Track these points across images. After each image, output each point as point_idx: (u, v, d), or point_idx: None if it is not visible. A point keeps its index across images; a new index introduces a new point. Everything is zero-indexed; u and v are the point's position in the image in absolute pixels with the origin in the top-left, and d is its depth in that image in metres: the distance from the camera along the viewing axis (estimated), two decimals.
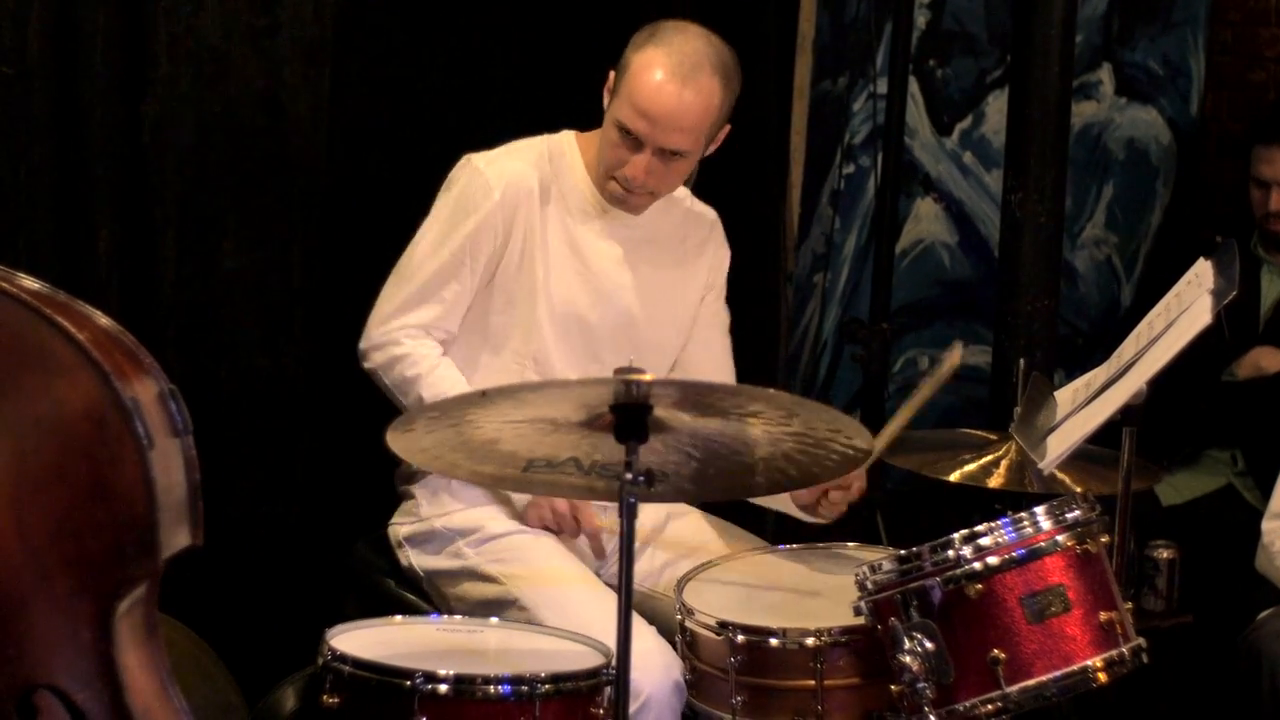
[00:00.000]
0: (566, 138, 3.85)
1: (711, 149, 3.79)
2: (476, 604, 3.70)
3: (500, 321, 3.78)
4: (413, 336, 3.74)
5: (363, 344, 3.79)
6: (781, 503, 3.87)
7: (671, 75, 3.62)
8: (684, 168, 3.76)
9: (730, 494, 3.49)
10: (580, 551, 3.82)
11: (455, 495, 3.79)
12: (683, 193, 3.96)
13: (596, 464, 3.06)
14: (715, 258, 4.01)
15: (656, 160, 3.67)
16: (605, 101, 3.73)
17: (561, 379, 3.06)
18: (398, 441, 3.10)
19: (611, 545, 3.88)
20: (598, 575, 3.80)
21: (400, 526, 3.87)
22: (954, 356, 3.84)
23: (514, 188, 3.73)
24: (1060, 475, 3.79)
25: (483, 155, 3.79)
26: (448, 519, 3.79)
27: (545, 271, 3.76)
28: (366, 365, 3.79)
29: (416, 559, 3.82)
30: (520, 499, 3.77)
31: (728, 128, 3.78)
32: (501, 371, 3.75)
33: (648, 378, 2.88)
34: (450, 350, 3.79)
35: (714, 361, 4.00)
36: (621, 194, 3.75)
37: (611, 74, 3.72)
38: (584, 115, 3.81)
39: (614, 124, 3.68)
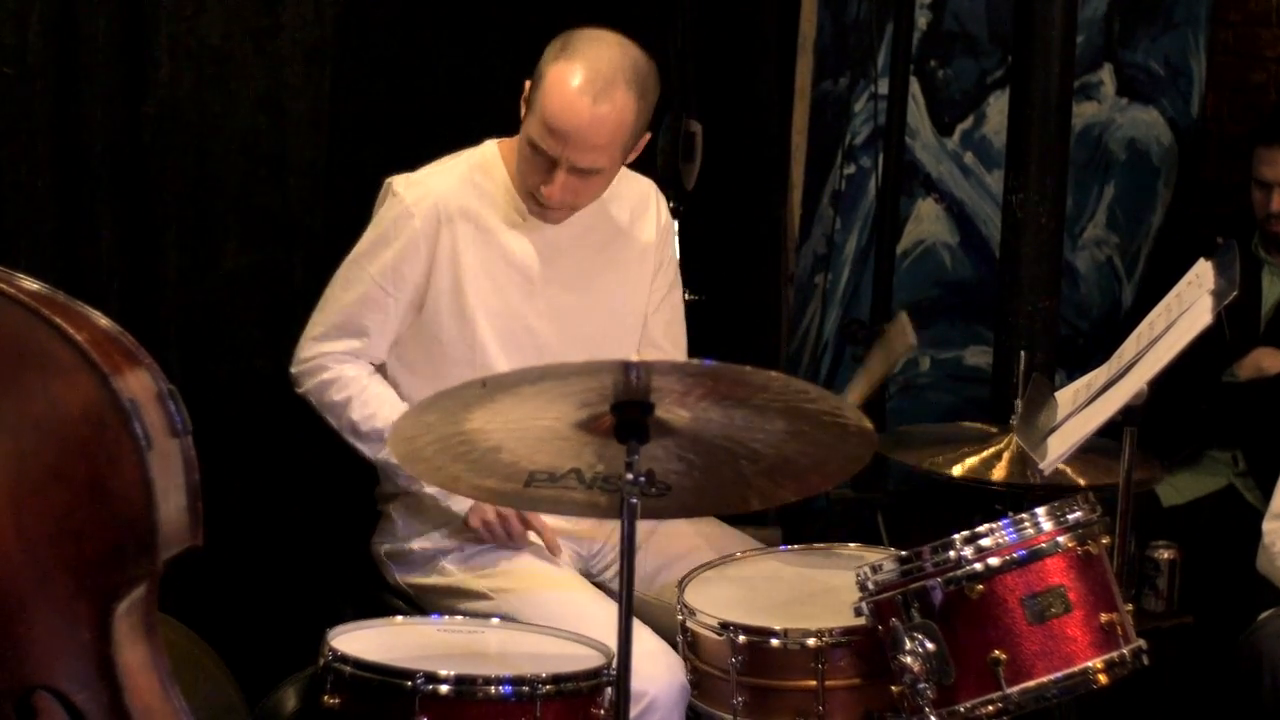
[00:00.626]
0: (490, 148, 3.78)
1: (629, 159, 3.71)
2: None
3: (446, 345, 3.73)
4: (339, 361, 3.71)
5: (293, 368, 3.77)
6: None
7: (582, 92, 3.51)
8: (602, 181, 3.66)
9: (733, 504, 3.48)
10: (566, 555, 3.80)
11: (429, 516, 3.78)
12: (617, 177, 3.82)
13: (599, 476, 3.05)
14: (661, 229, 3.91)
15: (573, 178, 3.58)
16: (521, 112, 3.64)
17: (560, 364, 3.04)
18: (400, 449, 3.10)
19: (597, 545, 3.88)
20: (587, 577, 3.80)
21: (380, 545, 3.86)
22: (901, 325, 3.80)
23: (433, 210, 3.67)
24: (1062, 466, 3.78)
25: (403, 178, 3.73)
26: (425, 538, 3.78)
27: (482, 288, 3.70)
28: (298, 390, 3.77)
29: (401, 576, 3.81)
30: (462, 504, 3.72)
31: (648, 135, 3.69)
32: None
33: (647, 360, 2.88)
34: (401, 379, 3.76)
35: (660, 333, 3.95)
36: (539, 210, 3.68)
37: (527, 84, 3.63)
38: None
39: (527, 140, 3.60)
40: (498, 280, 3.72)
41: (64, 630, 2.46)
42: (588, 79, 3.52)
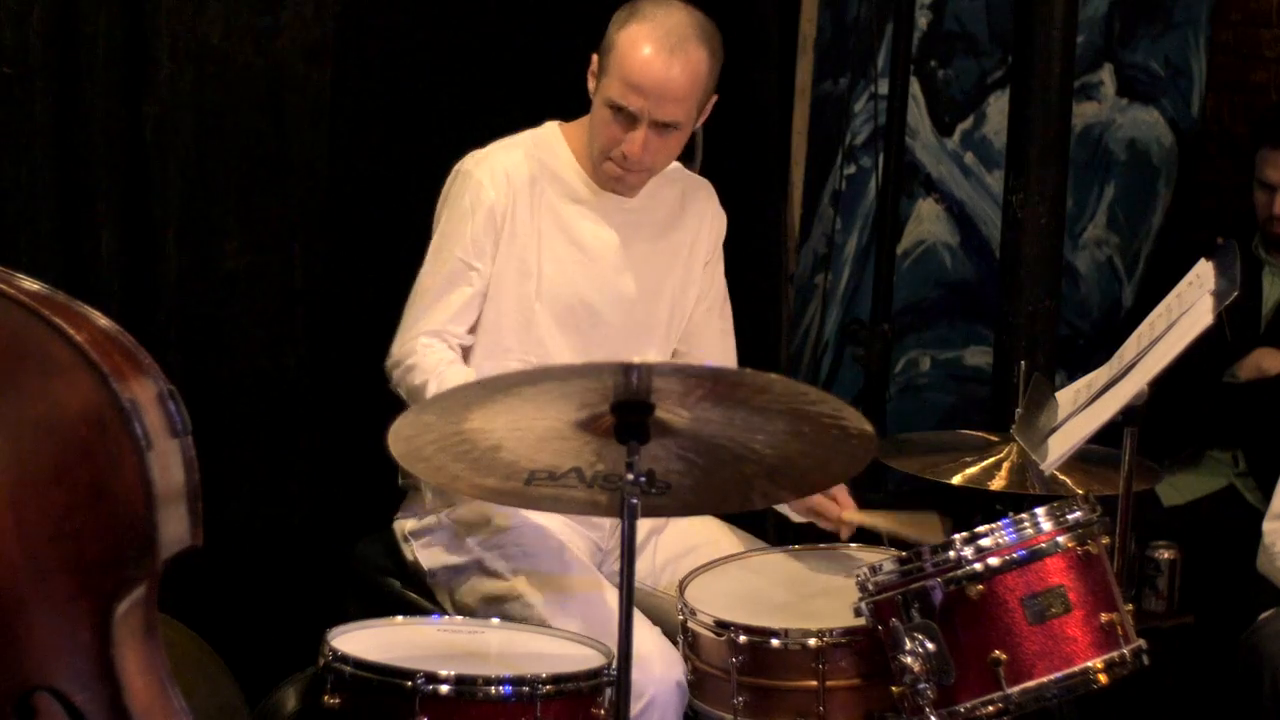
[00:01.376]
0: (551, 129, 3.85)
1: (701, 120, 3.79)
2: (482, 599, 3.69)
3: (504, 316, 3.76)
4: (425, 345, 3.71)
5: (387, 362, 3.77)
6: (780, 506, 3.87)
7: (659, 48, 3.62)
8: (679, 140, 3.76)
9: (734, 503, 3.48)
10: (583, 550, 3.82)
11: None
12: (674, 167, 3.93)
13: (599, 474, 3.06)
14: (712, 226, 3.99)
15: (653, 134, 3.67)
16: (591, 86, 3.73)
17: (558, 365, 3.05)
18: (399, 447, 3.10)
19: (613, 543, 3.89)
20: (598, 571, 3.80)
21: (405, 521, 3.86)
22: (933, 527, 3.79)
23: (506, 182, 3.73)
24: (1061, 476, 3.79)
25: (470, 157, 3.79)
26: (453, 512, 3.78)
27: (543, 262, 3.75)
28: (391, 384, 3.77)
29: (422, 555, 3.81)
30: None
31: (715, 97, 3.77)
32: (508, 367, 3.74)
33: (647, 361, 2.88)
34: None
35: (715, 340, 4.00)
36: (619, 173, 3.74)
37: (595, 57, 3.72)
38: (584, 112, 3.80)
39: (605, 103, 3.68)
40: (561, 256, 3.77)
41: (64, 630, 2.46)
42: (663, 35, 3.64)
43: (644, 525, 3.75)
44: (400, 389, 3.73)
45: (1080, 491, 3.67)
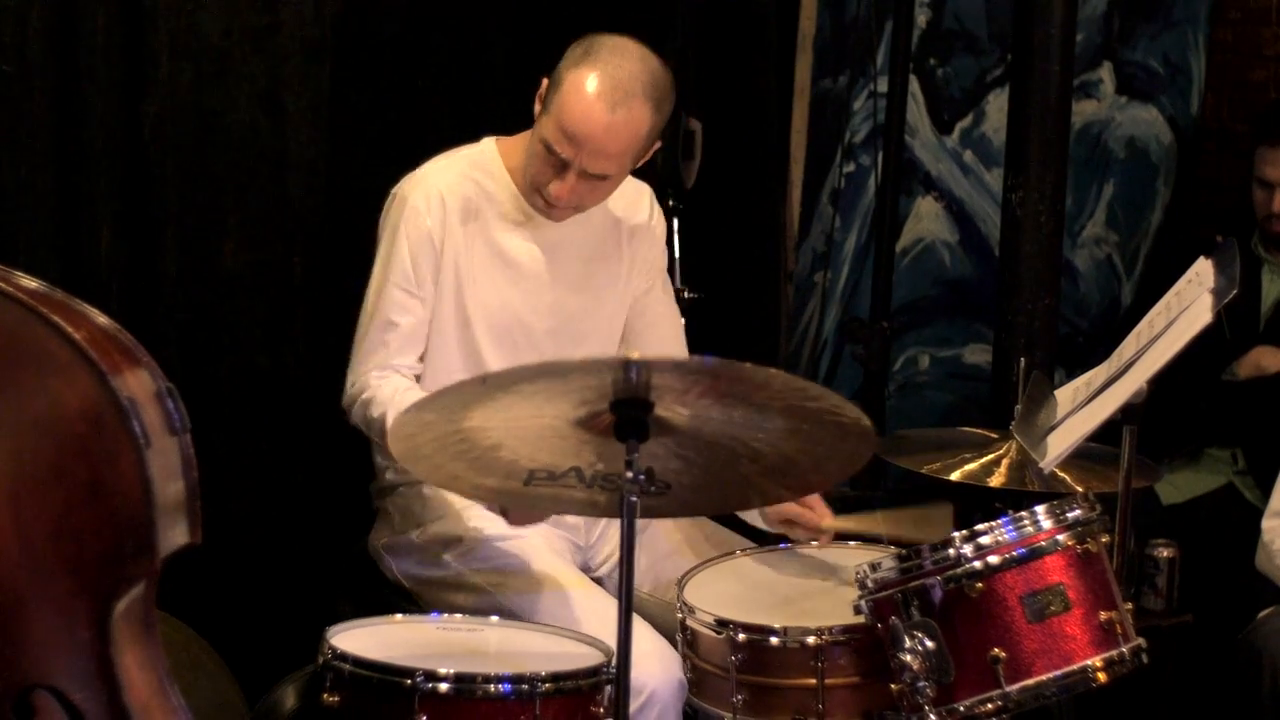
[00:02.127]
0: (488, 145, 3.80)
1: (637, 164, 3.71)
2: (468, 613, 3.68)
3: (445, 341, 3.74)
4: (378, 378, 3.70)
5: (343, 403, 3.77)
6: (750, 514, 3.85)
7: (602, 101, 3.53)
8: (610, 187, 3.69)
9: (732, 504, 3.48)
10: (562, 551, 3.81)
11: (426, 507, 3.78)
12: None
13: (599, 474, 3.05)
14: (655, 235, 3.94)
15: (582, 182, 3.61)
16: (535, 110, 3.65)
17: (561, 361, 3.04)
18: (399, 446, 3.10)
19: (593, 538, 3.89)
20: (584, 570, 3.80)
21: (379, 540, 3.86)
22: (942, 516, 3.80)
23: (440, 204, 3.69)
24: (1061, 474, 3.79)
25: (405, 180, 3.75)
26: (423, 530, 3.77)
27: (479, 284, 3.72)
28: (351, 422, 3.77)
29: (400, 570, 3.81)
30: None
31: (659, 144, 3.71)
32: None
33: (648, 357, 2.88)
34: None
35: (672, 346, 3.97)
36: (544, 208, 3.69)
37: (545, 81, 3.64)
38: None
39: (541, 140, 3.61)
40: (495, 277, 3.74)
41: (62, 629, 2.46)
42: (607, 88, 3.54)
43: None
44: (360, 424, 3.72)
45: (1079, 489, 3.67)
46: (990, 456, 3.94)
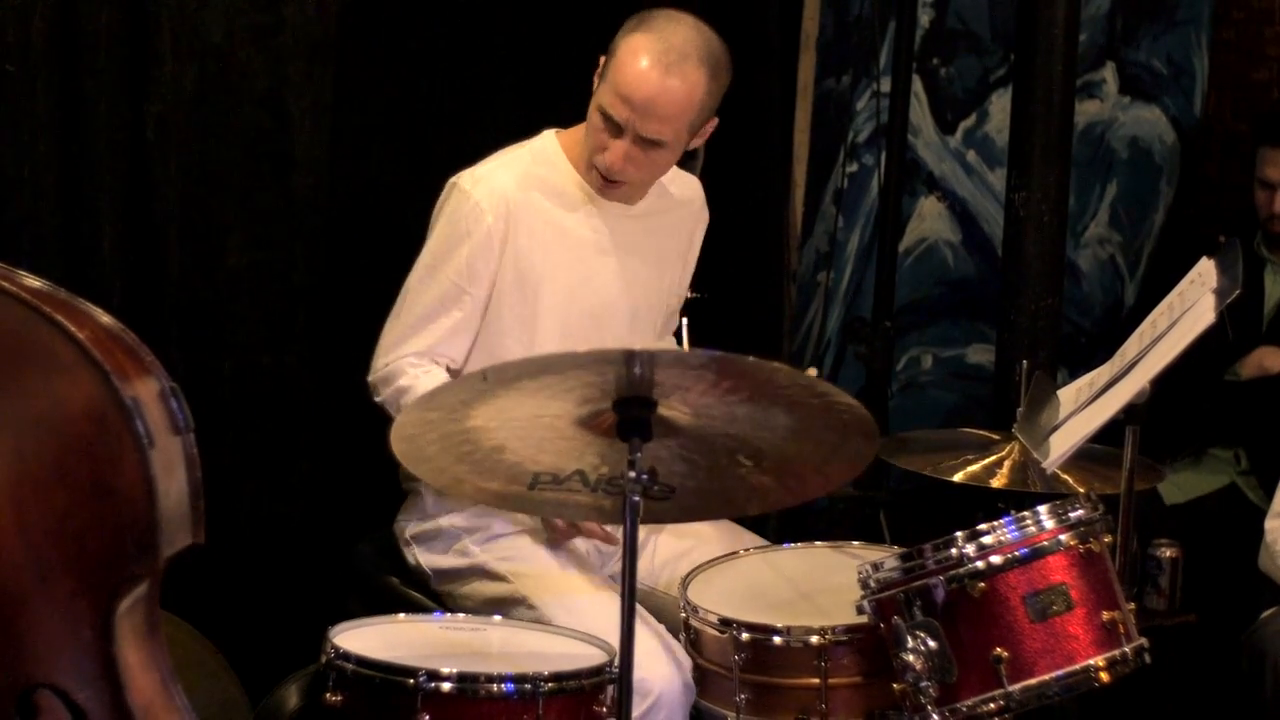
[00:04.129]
0: (548, 137, 3.82)
1: (697, 142, 3.75)
2: (484, 602, 3.69)
3: (506, 336, 3.74)
4: (415, 365, 3.69)
5: (370, 377, 3.75)
6: None
7: (655, 62, 3.57)
8: (665, 157, 3.71)
9: (734, 508, 3.48)
10: (585, 552, 3.81)
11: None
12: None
13: (603, 478, 3.05)
14: (698, 225, 4.01)
15: (635, 148, 3.62)
16: (594, 85, 3.68)
17: (562, 354, 3.04)
18: (401, 446, 3.09)
19: (612, 545, 3.89)
20: (599, 573, 3.80)
21: (405, 524, 3.86)
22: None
23: (504, 204, 3.69)
24: (1063, 475, 3.79)
25: (468, 174, 3.74)
26: (453, 517, 3.78)
27: (547, 274, 3.73)
28: (375, 399, 3.74)
29: (424, 557, 3.81)
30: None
31: (715, 121, 3.73)
32: None
33: (649, 347, 2.87)
34: (466, 367, 3.76)
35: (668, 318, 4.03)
36: (600, 183, 3.71)
37: (602, 59, 3.67)
38: (584, 113, 3.80)
39: (597, 109, 3.64)
40: (563, 266, 3.74)
41: (66, 628, 2.46)
42: (661, 50, 3.58)
43: (644, 526, 3.75)
44: (389, 406, 3.69)
45: (1082, 490, 3.67)
46: (993, 457, 3.94)
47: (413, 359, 3.69)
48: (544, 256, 3.73)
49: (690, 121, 3.65)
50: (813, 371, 3.93)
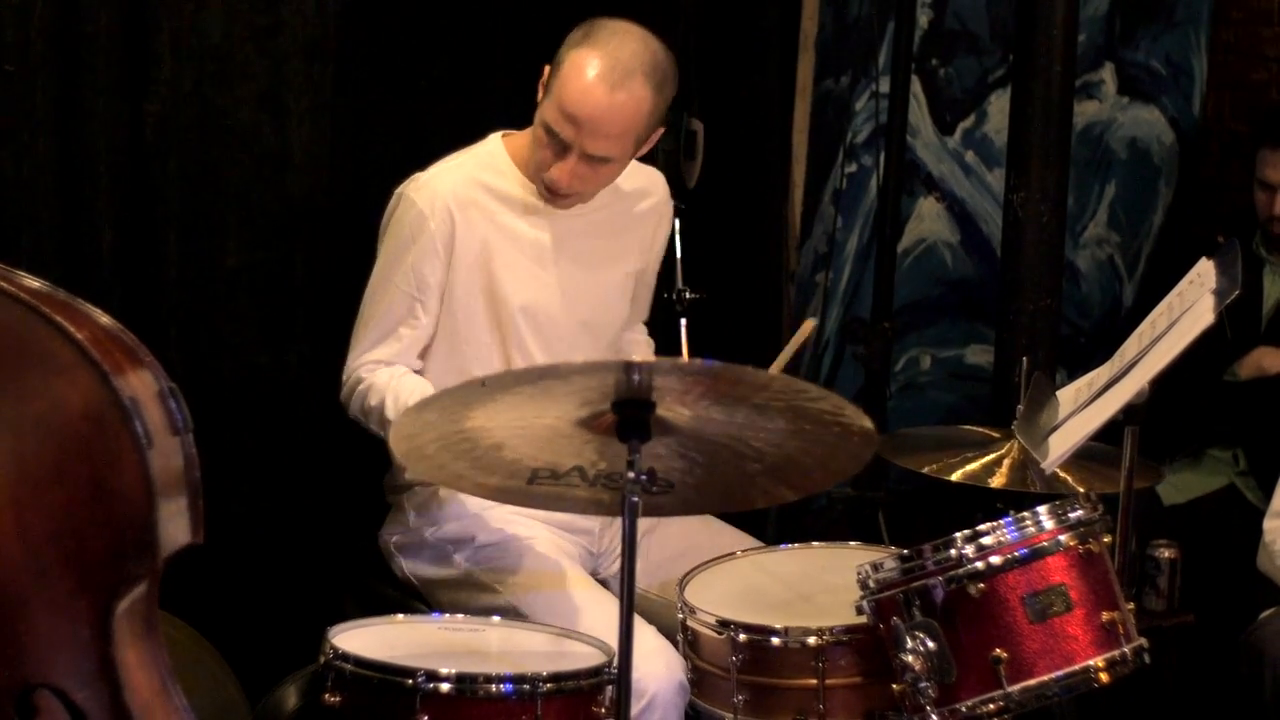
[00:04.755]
0: (494, 141, 3.81)
1: (641, 151, 3.73)
2: (475, 612, 3.69)
3: (461, 332, 3.75)
4: (373, 370, 3.72)
5: (341, 395, 3.79)
6: None
7: (601, 80, 3.54)
8: (613, 170, 3.69)
9: (734, 504, 3.48)
10: (574, 555, 3.81)
11: (443, 506, 3.78)
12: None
13: (602, 473, 3.06)
14: (662, 228, 3.97)
15: (582, 165, 3.61)
16: (539, 96, 3.67)
17: (561, 364, 3.06)
18: (401, 446, 3.10)
19: (605, 545, 3.89)
20: (594, 574, 3.80)
21: (390, 536, 3.86)
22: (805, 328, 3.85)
23: (446, 209, 3.69)
24: (1062, 475, 3.79)
25: (412, 181, 3.75)
26: (437, 529, 3.78)
27: (495, 276, 3.73)
28: (348, 413, 3.79)
29: (409, 568, 3.82)
30: None
31: (661, 130, 3.71)
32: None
33: (651, 359, 2.89)
34: (432, 371, 3.77)
35: (636, 317, 4.02)
36: (548, 196, 3.70)
37: (546, 68, 3.65)
38: None
39: (541, 124, 3.63)
40: (512, 267, 3.74)
41: (64, 628, 2.46)
42: (607, 67, 3.54)
43: (638, 526, 3.75)
44: (359, 415, 3.74)
45: (1081, 490, 3.67)
46: (992, 456, 3.94)
47: (369, 366, 3.73)
48: (491, 260, 3.73)
49: (636, 136, 3.63)
50: (810, 323, 3.93)
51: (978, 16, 5.75)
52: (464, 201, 3.71)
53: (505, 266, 3.73)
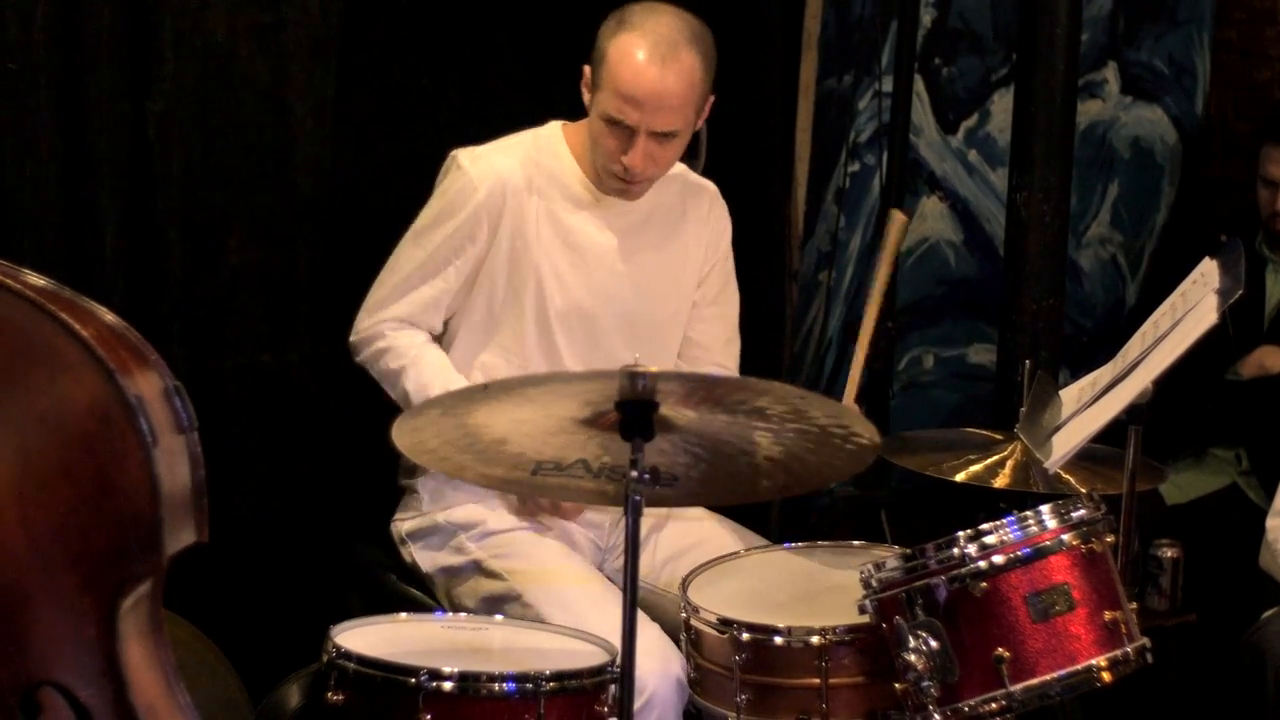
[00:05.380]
0: (553, 129, 3.85)
1: (700, 121, 3.77)
2: (481, 600, 3.70)
3: (498, 316, 3.78)
4: (395, 329, 3.76)
5: (352, 337, 3.84)
6: None
7: (651, 57, 3.59)
8: (679, 146, 3.74)
9: (739, 496, 3.49)
10: (583, 548, 3.82)
11: (458, 489, 3.79)
12: (678, 168, 3.92)
13: (605, 466, 3.06)
14: (715, 232, 3.99)
15: (653, 144, 3.65)
16: (586, 98, 3.71)
17: (564, 371, 3.07)
18: (404, 440, 3.10)
19: (613, 540, 3.89)
20: (602, 568, 3.80)
21: (403, 522, 3.87)
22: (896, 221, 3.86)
23: (500, 184, 3.73)
24: (1065, 475, 3.79)
25: (468, 151, 3.79)
26: (450, 513, 3.79)
27: (540, 266, 3.75)
28: (357, 359, 3.83)
29: (419, 555, 3.82)
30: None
31: (713, 97, 3.75)
32: (501, 367, 3.76)
33: (652, 369, 2.88)
34: (452, 346, 3.80)
35: (719, 346, 4.01)
36: (622, 186, 3.74)
37: (586, 69, 3.70)
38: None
39: (601, 117, 3.66)
40: (558, 261, 3.77)
41: (69, 626, 2.46)
42: (653, 44, 3.60)
43: (644, 522, 3.75)
44: (371, 368, 3.80)
45: (1083, 491, 3.67)
46: (995, 457, 3.94)
47: (393, 323, 3.76)
48: (538, 246, 3.75)
49: (695, 104, 3.69)
50: (899, 217, 3.93)
51: (981, 15, 5.75)
52: (518, 184, 3.74)
53: (551, 256, 3.76)
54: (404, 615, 3.56)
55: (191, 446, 2.54)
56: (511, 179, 3.74)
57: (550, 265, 3.76)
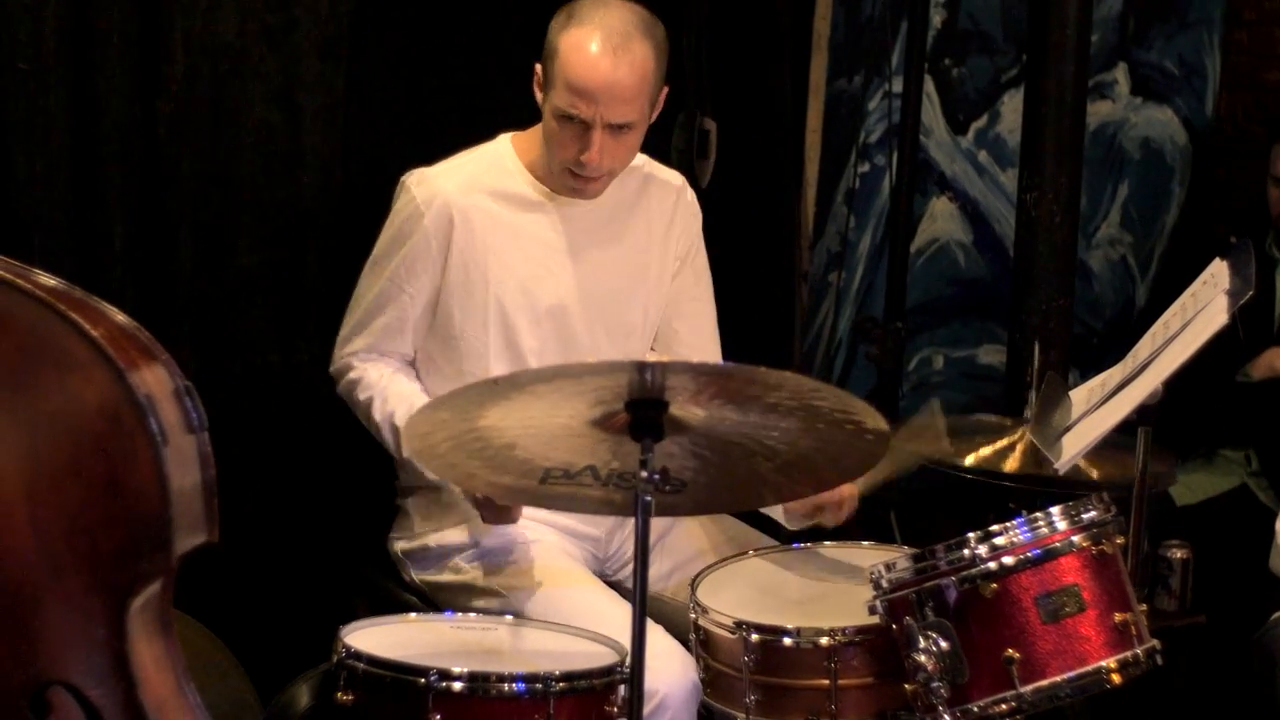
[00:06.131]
0: (501, 141, 3.82)
1: (655, 114, 3.72)
2: (486, 615, 3.68)
3: (459, 339, 3.75)
4: (363, 360, 3.76)
5: (330, 369, 3.84)
6: (775, 512, 3.85)
7: (602, 49, 3.55)
8: (635, 138, 3.69)
9: (748, 501, 3.48)
10: (583, 558, 3.81)
11: (447, 510, 3.78)
12: (641, 159, 3.86)
13: (614, 473, 3.05)
14: (684, 225, 3.95)
15: (608, 138, 3.60)
16: (538, 97, 3.68)
17: (573, 364, 3.06)
18: (414, 444, 3.10)
19: (612, 549, 3.89)
20: (602, 578, 3.80)
21: (396, 542, 3.87)
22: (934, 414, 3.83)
23: (445, 205, 3.70)
24: (1084, 466, 3.78)
25: (417, 174, 3.77)
26: (441, 535, 3.78)
27: (501, 280, 3.72)
28: (337, 391, 3.83)
29: (417, 574, 3.82)
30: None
31: (666, 88, 3.71)
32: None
33: (664, 359, 2.88)
34: (425, 371, 3.79)
35: (699, 339, 3.97)
36: (580, 184, 3.70)
37: (538, 67, 3.67)
38: None
39: (555, 114, 3.62)
40: (520, 266, 3.74)
41: (79, 626, 2.46)
42: (605, 36, 3.56)
43: (651, 531, 3.75)
44: (347, 400, 3.80)
45: (1094, 474, 3.67)
46: (1004, 442, 3.93)
47: (361, 355, 3.77)
48: (494, 258, 3.72)
49: (649, 95, 3.64)
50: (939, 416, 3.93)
51: (991, 16, 5.75)
52: (465, 204, 3.71)
53: (510, 267, 3.73)
54: (413, 616, 3.56)
55: (202, 446, 2.54)
56: (457, 198, 3.71)
57: (512, 276, 3.73)
